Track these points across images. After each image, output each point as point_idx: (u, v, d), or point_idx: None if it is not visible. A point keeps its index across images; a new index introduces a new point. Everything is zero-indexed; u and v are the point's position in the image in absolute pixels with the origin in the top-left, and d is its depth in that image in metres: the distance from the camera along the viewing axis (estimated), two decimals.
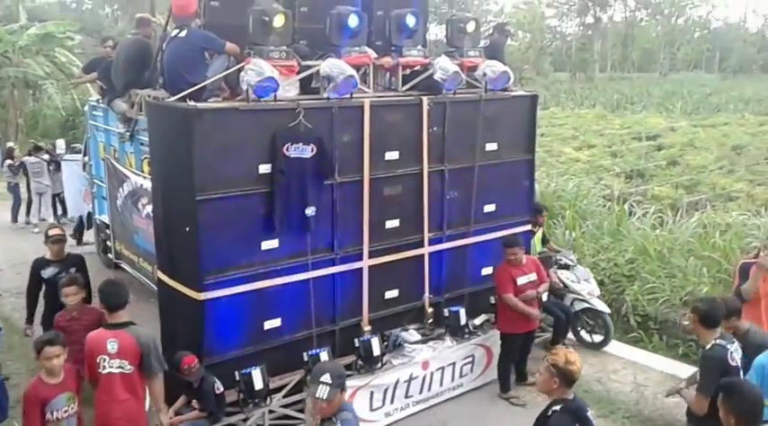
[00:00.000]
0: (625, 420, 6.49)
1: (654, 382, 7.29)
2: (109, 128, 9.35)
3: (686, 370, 6.92)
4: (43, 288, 6.71)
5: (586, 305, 8.02)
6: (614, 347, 8.22)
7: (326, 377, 3.78)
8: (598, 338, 8.07)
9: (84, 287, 5.94)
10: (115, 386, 4.79)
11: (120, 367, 4.79)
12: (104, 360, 4.79)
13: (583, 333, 8.20)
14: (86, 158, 10.89)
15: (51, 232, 6.78)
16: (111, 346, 4.78)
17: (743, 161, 18.59)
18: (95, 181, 10.36)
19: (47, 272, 6.65)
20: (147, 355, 4.86)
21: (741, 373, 4.71)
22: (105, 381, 4.79)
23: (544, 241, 8.73)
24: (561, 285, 8.09)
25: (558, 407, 4.01)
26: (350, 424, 3.84)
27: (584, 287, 8.14)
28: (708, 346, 4.76)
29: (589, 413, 4.08)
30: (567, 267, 8.33)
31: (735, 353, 4.71)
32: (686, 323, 5.49)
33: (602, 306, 8.07)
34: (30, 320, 6.83)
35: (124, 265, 9.55)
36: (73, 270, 6.53)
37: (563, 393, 4.06)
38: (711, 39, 73.73)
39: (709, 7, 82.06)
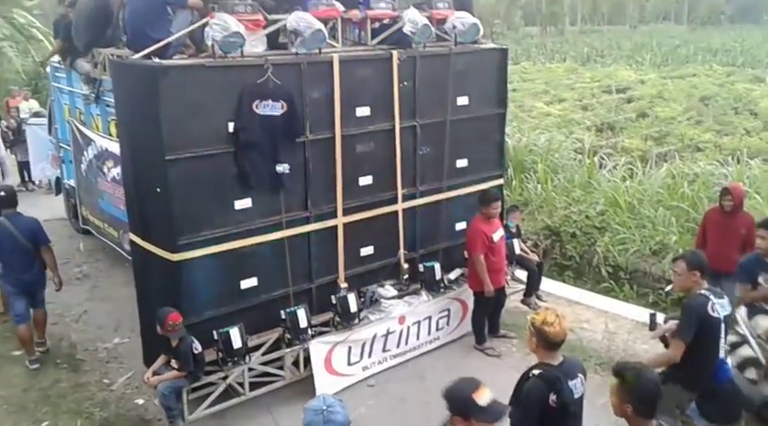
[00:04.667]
0: (597, 366, 6.65)
1: (624, 330, 7.47)
2: (73, 90, 9.13)
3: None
4: None
5: None
6: (586, 297, 8.41)
7: None
8: None
9: None
10: None
11: None
12: None
13: None
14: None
15: None
16: None
17: (710, 111, 18.81)
18: (62, 144, 10.16)
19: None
20: None
21: (723, 327, 4.70)
22: None
23: None
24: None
25: (537, 371, 3.87)
26: None
27: None
28: (692, 295, 4.75)
29: (572, 383, 3.85)
30: None
31: (717, 306, 4.66)
32: (671, 284, 5.09)
33: None
34: None
35: (92, 230, 9.46)
36: None
37: (546, 356, 3.91)
38: None
39: None
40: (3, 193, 6.76)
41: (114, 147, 7.21)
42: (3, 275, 6.81)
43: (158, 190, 5.49)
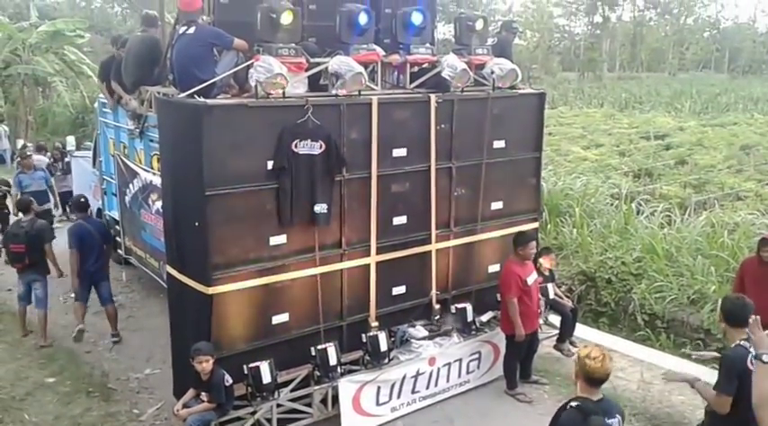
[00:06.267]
0: (631, 417, 6.49)
1: (660, 380, 7.27)
2: (119, 125, 9.42)
3: (693, 369, 6.93)
4: None
5: None
6: (621, 344, 8.24)
7: None
8: None
9: None
10: None
11: None
12: None
13: None
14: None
15: None
16: None
17: (752, 160, 18.47)
18: (105, 177, 10.44)
19: None
20: None
21: None
22: None
23: None
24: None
25: (575, 403, 3.89)
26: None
27: None
28: (732, 346, 4.65)
29: (610, 421, 3.85)
30: None
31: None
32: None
33: None
34: None
35: (133, 261, 9.63)
36: None
37: (586, 390, 3.95)
38: (720, 39, 73.20)
39: (719, 7, 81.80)
40: (82, 200, 8.32)
41: (159, 181, 7.40)
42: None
43: (197, 224, 5.61)
